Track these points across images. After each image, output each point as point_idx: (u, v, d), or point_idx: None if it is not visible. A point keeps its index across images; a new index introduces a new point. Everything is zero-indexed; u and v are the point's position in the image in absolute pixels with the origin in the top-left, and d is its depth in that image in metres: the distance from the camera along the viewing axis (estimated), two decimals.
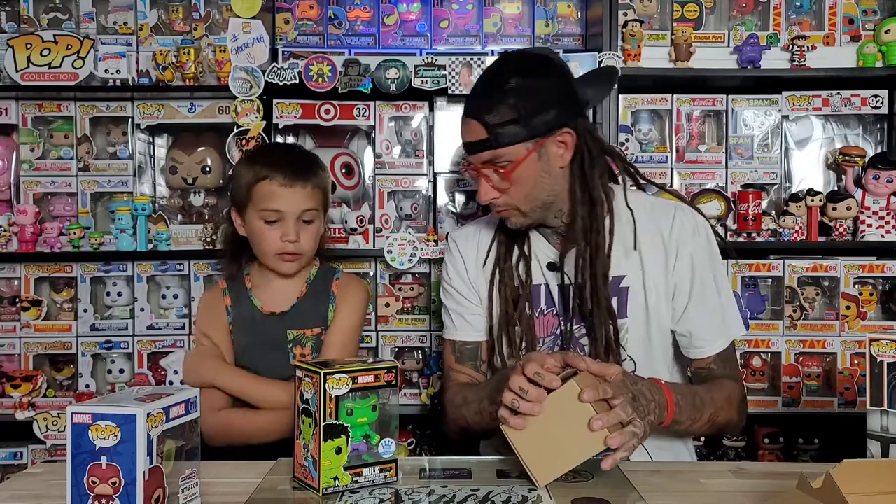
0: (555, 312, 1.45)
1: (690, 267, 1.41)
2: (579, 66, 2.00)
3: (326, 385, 1.05)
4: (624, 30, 2.04)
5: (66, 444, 0.90)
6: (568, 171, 1.39)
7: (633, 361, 1.42)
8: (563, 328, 1.43)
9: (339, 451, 1.07)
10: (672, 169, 2.12)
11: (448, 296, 1.56)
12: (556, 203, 1.40)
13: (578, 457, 1.07)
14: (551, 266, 1.45)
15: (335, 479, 1.07)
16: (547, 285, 1.46)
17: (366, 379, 1.08)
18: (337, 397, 1.06)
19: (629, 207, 1.42)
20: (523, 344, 1.45)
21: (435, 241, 2.04)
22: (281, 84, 2.00)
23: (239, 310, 1.62)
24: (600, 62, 2.00)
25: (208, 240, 2.04)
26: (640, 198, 1.48)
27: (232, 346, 1.61)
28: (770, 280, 2.12)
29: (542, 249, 1.47)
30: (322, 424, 1.05)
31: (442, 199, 2.12)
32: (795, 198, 2.07)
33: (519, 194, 1.37)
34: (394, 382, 1.10)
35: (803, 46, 2.05)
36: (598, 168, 1.40)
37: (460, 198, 2.13)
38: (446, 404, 1.50)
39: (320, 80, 2.00)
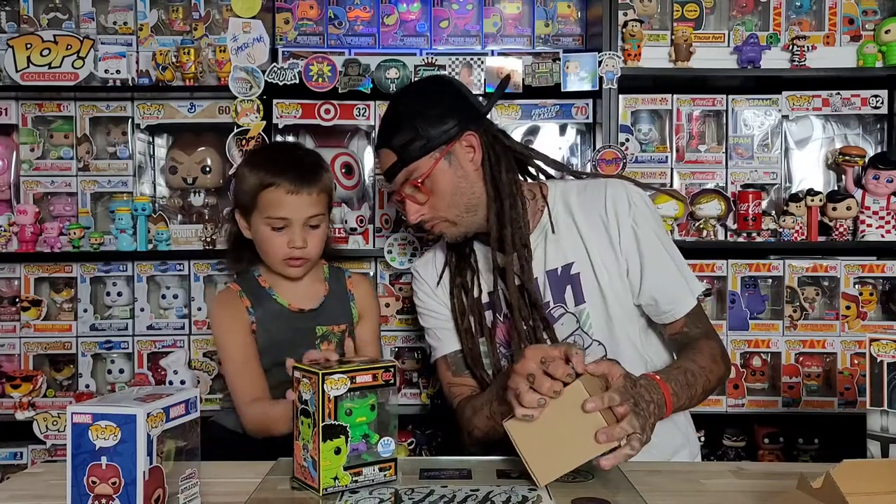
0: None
1: (634, 238, 1.42)
2: (579, 66, 2.01)
3: (325, 385, 1.05)
4: (624, 30, 2.04)
5: (66, 444, 0.90)
6: (482, 172, 1.45)
7: (603, 346, 1.43)
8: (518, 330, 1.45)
9: (338, 451, 1.07)
10: (672, 169, 2.13)
11: (426, 318, 1.60)
12: (480, 207, 1.45)
13: (580, 457, 1.07)
14: (502, 272, 1.46)
15: (335, 479, 1.07)
16: (501, 290, 1.47)
17: (364, 379, 1.08)
18: (335, 397, 1.06)
19: (559, 199, 1.48)
20: (499, 350, 1.49)
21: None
22: (281, 84, 2.00)
23: (263, 309, 1.61)
24: (600, 62, 2.00)
25: (208, 240, 2.04)
26: (571, 184, 1.52)
27: (256, 345, 1.60)
28: (770, 280, 2.12)
29: (487, 259, 1.50)
30: (321, 425, 1.06)
31: None
32: (795, 198, 2.07)
33: (441, 203, 1.43)
34: (392, 382, 1.10)
35: (803, 46, 2.05)
36: (505, 164, 1.45)
37: None
38: (459, 421, 1.51)
39: (320, 80, 2.00)
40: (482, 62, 2.02)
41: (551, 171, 1.58)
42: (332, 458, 1.07)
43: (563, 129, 2.26)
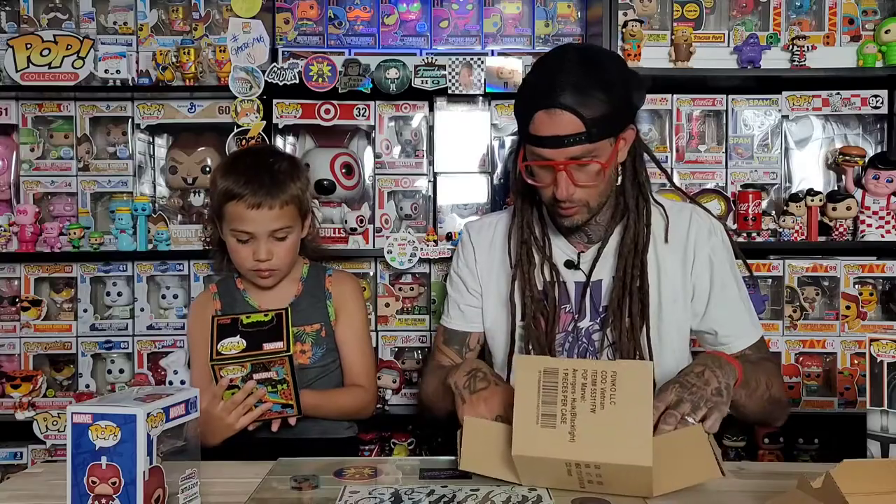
0: (567, 309, 1.45)
1: (709, 268, 1.43)
2: None
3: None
4: (624, 30, 2.04)
5: (66, 444, 0.90)
6: (621, 168, 1.41)
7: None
8: (577, 325, 1.44)
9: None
10: (672, 169, 2.12)
11: (452, 284, 1.58)
12: (608, 201, 1.41)
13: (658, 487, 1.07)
14: (569, 264, 1.45)
15: None
16: (563, 283, 1.46)
17: None
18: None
19: (660, 203, 1.46)
20: (536, 338, 1.44)
21: (435, 241, 2.04)
22: (281, 84, 2.00)
23: (233, 311, 1.61)
24: None
25: (208, 240, 2.03)
26: (657, 198, 1.50)
27: None
28: (770, 280, 2.12)
29: (560, 248, 1.47)
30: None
31: (442, 199, 2.12)
32: (795, 198, 2.07)
33: (596, 191, 1.35)
34: None
35: (803, 46, 2.05)
36: (645, 167, 1.43)
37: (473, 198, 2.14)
38: (423, 375, 1.55)
39: (320, 80, 2.00)
40: (482, 62, 2.02)
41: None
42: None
43: None
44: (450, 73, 2.01)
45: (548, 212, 1.44)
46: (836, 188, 2.18)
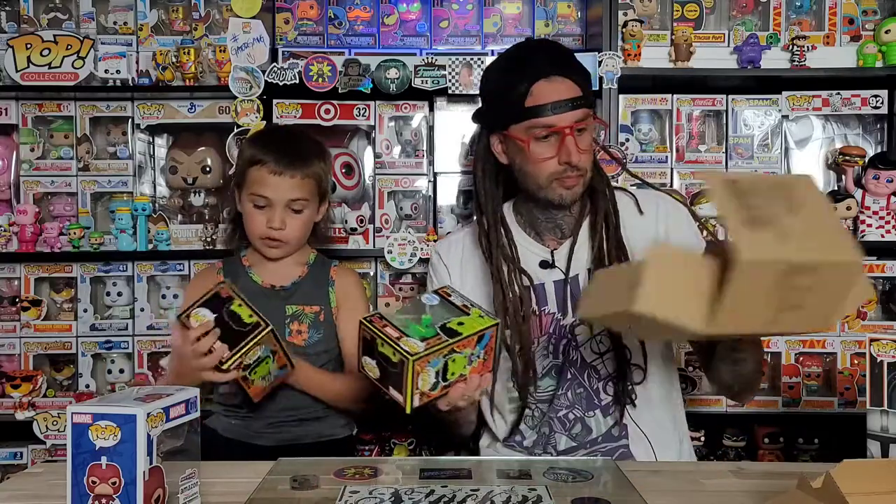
0: (547, 311, 1.45)
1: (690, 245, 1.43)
2: None
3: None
4: (624, 30, 2.04)
5: (66, 444, 0.90)
6: None
7: (629, 350, 1.43)
8: (561, 323, 1.44)
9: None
10: (672, 169, 2.12)
11: None
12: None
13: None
14: (544, 264, 1.46)
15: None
16: (542, 284, 1.46)
17: None
18: None
19: (626, 189, 1.51)
20: (517, 346, 1.42)
21: (435, 241, 2.03)
22: (281, 84, 2.00)
23: (237, 285, 1.61)
24: (600, 62, 2.00)
25: (208, 240, 2.04)
26: (622, 190, 1.54)
27: None
28: None
29: (531, 251, 1.48)
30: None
31: (442, 199, 2.12)
32: None
33: (590, 158, 1.42)
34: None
35: (803, 46, 2.05)
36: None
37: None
38: None
39: (320, 80, 2.00)
40: (482, 62, 2.02)
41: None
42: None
43: None
44: (450, 73, 2.01)
45: (536, 197, 1.44)
46: (836, 188, 2.18)
